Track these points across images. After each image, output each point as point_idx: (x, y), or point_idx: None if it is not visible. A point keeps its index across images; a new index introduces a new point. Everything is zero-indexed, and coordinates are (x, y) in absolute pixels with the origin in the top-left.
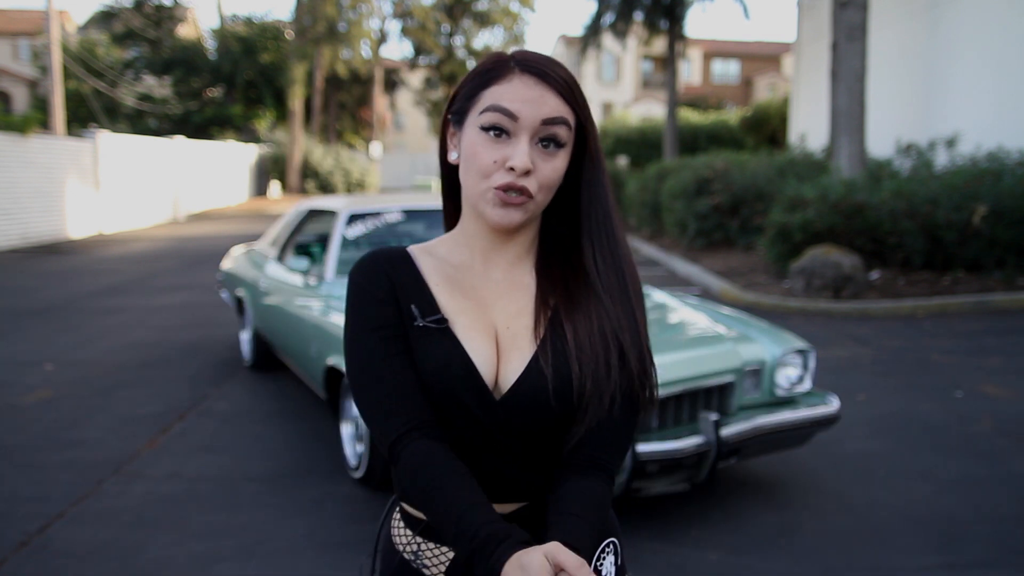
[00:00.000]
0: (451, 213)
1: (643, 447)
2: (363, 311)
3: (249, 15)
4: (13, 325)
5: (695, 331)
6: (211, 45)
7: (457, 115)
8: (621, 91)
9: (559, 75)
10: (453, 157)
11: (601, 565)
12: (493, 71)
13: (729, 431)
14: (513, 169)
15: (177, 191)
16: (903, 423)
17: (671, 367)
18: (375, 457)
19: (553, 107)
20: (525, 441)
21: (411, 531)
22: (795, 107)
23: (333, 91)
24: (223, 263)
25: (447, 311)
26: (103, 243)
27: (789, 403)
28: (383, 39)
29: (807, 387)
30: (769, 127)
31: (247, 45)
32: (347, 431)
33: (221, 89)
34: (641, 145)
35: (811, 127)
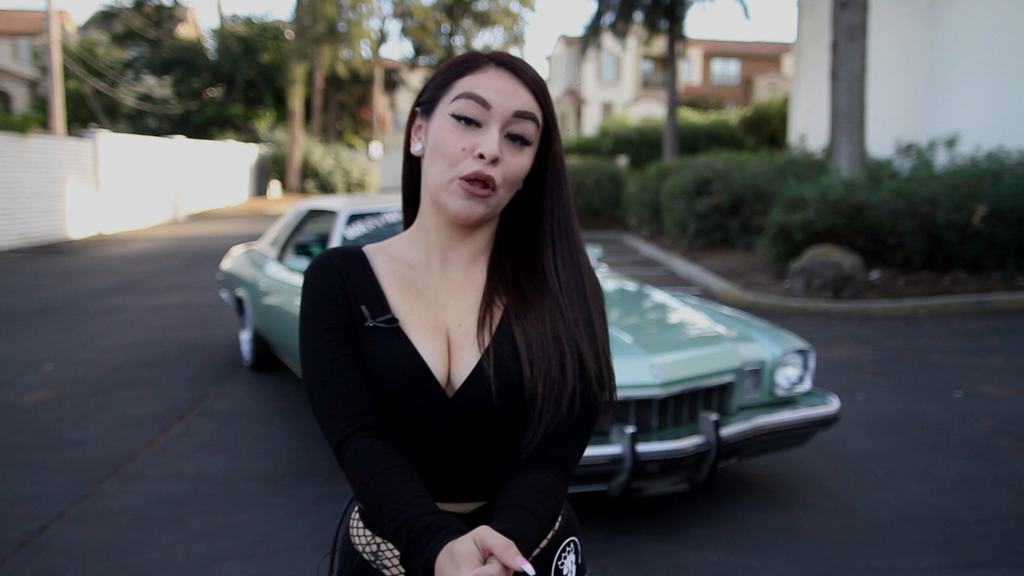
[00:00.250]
0: (411, 209)
1: (643, 447)
2: (314, 311)
3: (249, 15)
4: (13, 325)
5: (695, 331)
6: (211, 45)
7: (426, 105)
8: (621, 91)
9: (531, 74)
10: (417, 148)
11: (562, 564)
12: (467, 63)
13: (729, 431)
14: (482, 156)
15: (177, 191)
16: (903, 423)
17: (671, 367)
18: None
19: (525, 101)
20: (481, 440)
21: (370, 531)
22: (795, 107)
23: (333, 91)
24: (223, 263)
25: (398, 311)
26: (103, 243)
27: (789, 403)
28: (383, 39)
29: (807, 387)
30: (769, 127)
31: (247, 45)
32: None
33: (221, 89)
34: (641, 145)
35: (811, 127)
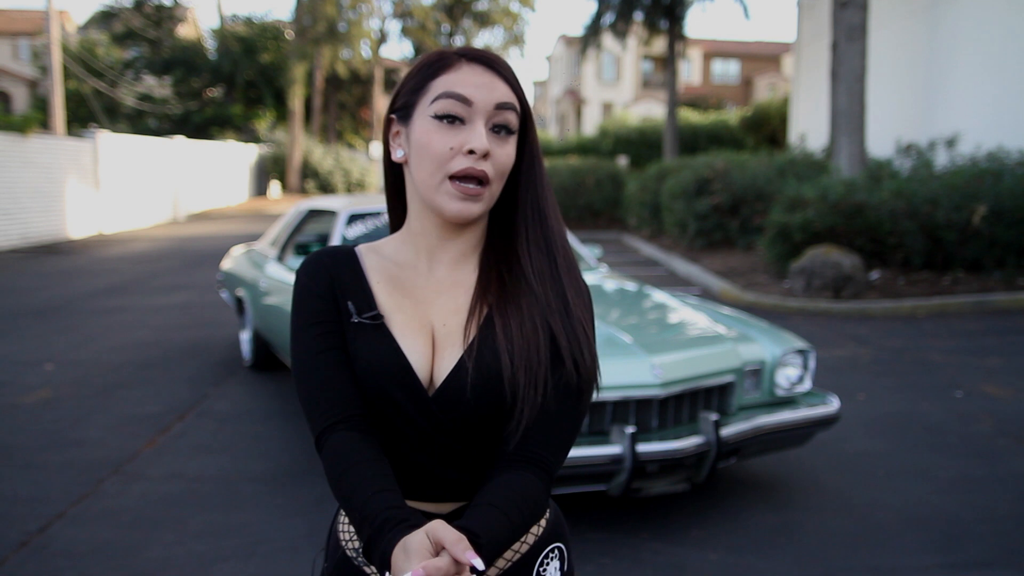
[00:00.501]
0: (397, 214)
1: (643, 447)
2: (303, 307)
3: (249, 15)
4: (13, 325)
5: (695, 331)
6: (211, 45)
7: (402, 111)
8: (621, 91)
9: (504, 65)
10: (399, 155)
11: (545, 570)
12: (439, 63)
13: (729, 431)
14: (472, 152)
15: (177, 191)
16: (903, 423)
17: (671, 367)
18: None
19: (503, 92)
20: (462, 439)
21: (353, 527)
22: (795, 107)
23: (333, 91)
24: (223, 263)
25: (385, 308)
26: (103, 243)
27: (789, 403)
28: (383, 39)
29: (807, 387)
30: (769, 127)
31: (247, 45)
32: None
33: (221, 89)
34: (641, 145)
35: (811, 127)
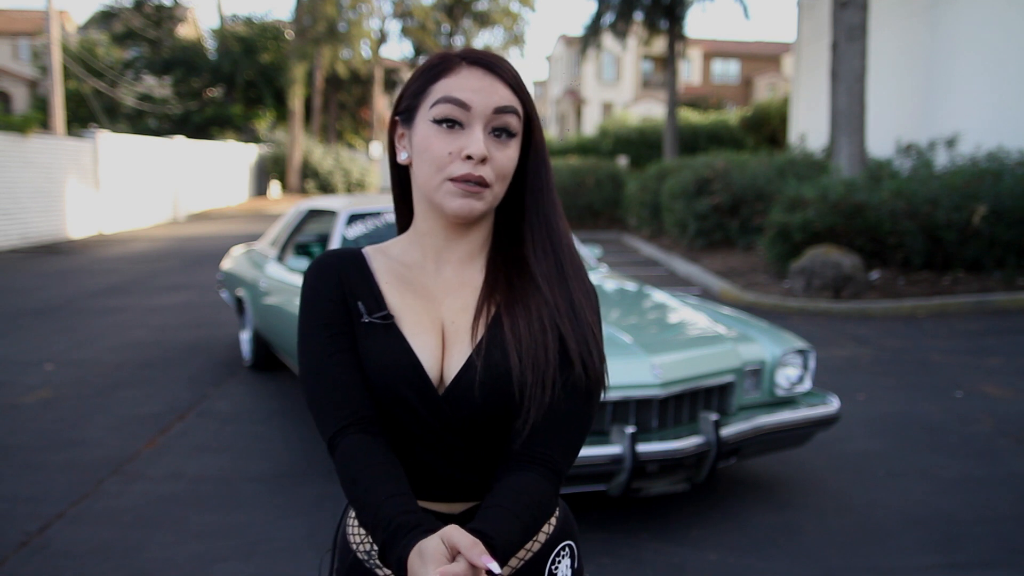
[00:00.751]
0: (404, 215)
1: (643, 447)
2: (312, 309)
3: (249, 15)
4: (13, 325)
5: (695, 331)
6: (211, 45)
7: (405, 114)
8: (621, 91)
9: (505, 67)
10: (403, 157)
11: (556, 568)
12: (440, 66)
13: (729, 431)
14: (470, 157)
15: (177, 191)
16: (903, 423)
17: (671, 367)
18: None
19: (503, 96)
20: (472, 439)
21: (364, 530)
22: (795, 107)
23: (333, 91)
24: (223, 263)
25: (394, 308)
26: (103, 243)
27: (789, 403)
28: (383, 39)
29: (807, 387)
30: (769, 127)
31: (247, 45)
32: None
33: (221, 89)
34: (641, 145)
35: (811, 127)
